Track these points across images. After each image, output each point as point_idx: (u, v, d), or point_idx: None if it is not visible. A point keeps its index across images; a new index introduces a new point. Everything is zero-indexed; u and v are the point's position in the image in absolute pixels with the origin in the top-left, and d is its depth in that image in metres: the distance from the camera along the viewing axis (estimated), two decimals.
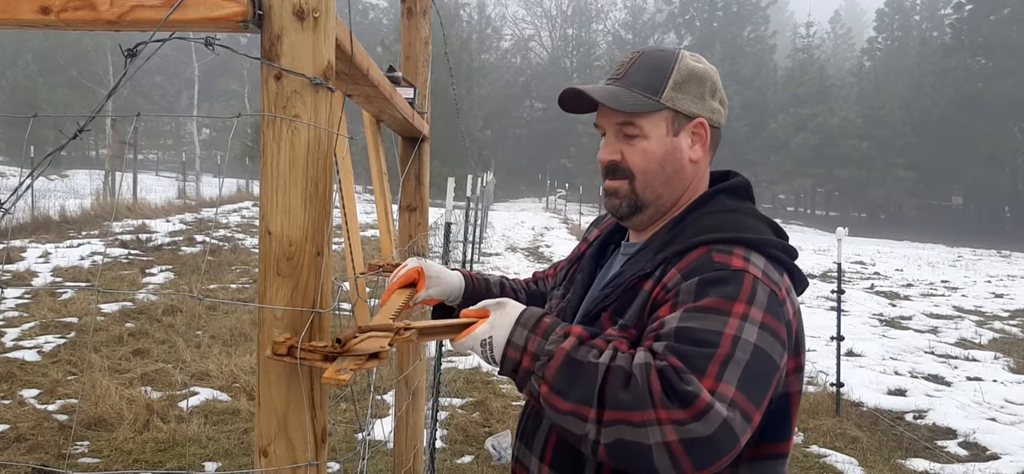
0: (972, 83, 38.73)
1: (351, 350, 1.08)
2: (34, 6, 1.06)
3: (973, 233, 35.88)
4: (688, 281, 1.16)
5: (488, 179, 20.85)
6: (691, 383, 1.04)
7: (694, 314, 1.11)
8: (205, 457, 4.38)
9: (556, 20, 61.49)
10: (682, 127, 1.30)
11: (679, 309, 1.13)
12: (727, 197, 1.32)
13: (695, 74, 1.30)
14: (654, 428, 1.02)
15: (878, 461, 4.96)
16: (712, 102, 1.32)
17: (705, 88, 1.31)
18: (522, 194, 47.37)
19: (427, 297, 1.54)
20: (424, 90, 2.63)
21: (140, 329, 7.04)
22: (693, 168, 1.32)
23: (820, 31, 53.35)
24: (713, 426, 1.02)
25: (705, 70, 1.32)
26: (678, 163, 1.30)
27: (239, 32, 1.10)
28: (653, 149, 1.29)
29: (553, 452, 1.26)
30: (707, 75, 1.32)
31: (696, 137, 1.31)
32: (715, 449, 1.02)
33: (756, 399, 1.07)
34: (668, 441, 1.02)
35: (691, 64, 1.31)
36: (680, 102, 1.29)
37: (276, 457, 1.12)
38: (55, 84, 35.25)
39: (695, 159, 1.31)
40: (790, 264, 1.25)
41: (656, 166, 1.30)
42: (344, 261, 1.87)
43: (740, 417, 1.04)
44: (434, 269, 1.56)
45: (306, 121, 1.09)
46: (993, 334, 9.62)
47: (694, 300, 1.13)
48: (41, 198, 15.33)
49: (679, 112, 1.29)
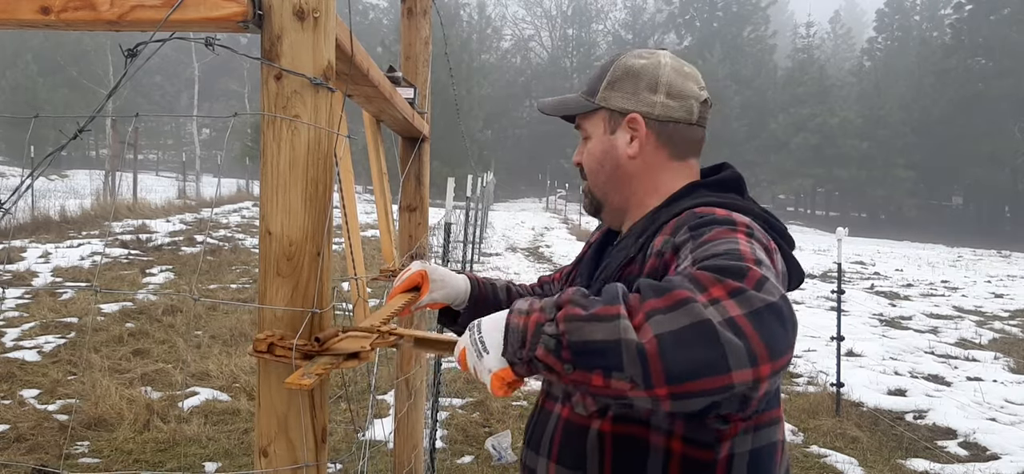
0: (972, 83, 38.75)
1: (330, 349, 1.08)
2: (34, 6, 1.06)
3: (973, 233, 35.90)
4: (679, 234, 1.11)
5: (488, 179, 20.86)
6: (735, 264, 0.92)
7: (702, 245, 1.02)
8: (205, 457, 4.38)
9: (556, 20, 61.50)
10: (618, 124, 1.30)
11: (683, 254, 1.05)
12: (708, 190, 1.28)
13: (631, 71, 1.30)
14: (710, 308, 0.86)
15: (878, 461, 4.96)
16: (649, 95, 1.28)
17: (639, 83, 1.29)
18: (522, 194, 47.38)
19: (431, 301, 1.52)
20: (424, 90, 2.63)
21: (140, 329, 7.04)
22: (634, 163, 1.30)
23: (820, 31, 53.39)
24: (777, 294, 0.88)
25: (645, 65, 1.30)
26: (614, 160, 1.31)
27: (239, 32, 1.10)
28: (594, 149, 1.33)
29: (559, 448, 1.23)
30: (645, 70, 1.29)
31: (632, 133, 1.29)
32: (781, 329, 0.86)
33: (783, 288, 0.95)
34: (731, 316, 0.85)
35: (628, 62, 1.31)
36: (612, 100, 1.30)
37: (276, 457, 1.12)
38: (55, 84, 35.25)
39: (632, 154, 1.29)
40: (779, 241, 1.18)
41: (597, 165, 1.33)
42: (345, 261, 1.87)
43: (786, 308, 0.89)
44: (438, 273, 1.54)
45: (306, 121, 1.09)
46: (993, 334, 9.62)
47: (695, 240, 1.05)
48: (41, 198, 15.33)
49: (614, 110, 1.30)
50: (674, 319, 0.85)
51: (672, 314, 0.86)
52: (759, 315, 0.86)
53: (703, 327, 0.84)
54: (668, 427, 1.12)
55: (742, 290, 0.87)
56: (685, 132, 1.30)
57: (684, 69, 1.30)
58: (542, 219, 28.75)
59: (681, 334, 0.85)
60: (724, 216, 1.10)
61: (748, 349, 0.84)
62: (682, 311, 0.86)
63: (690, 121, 1.29)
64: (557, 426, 1.25)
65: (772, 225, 1.21)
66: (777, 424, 1.21)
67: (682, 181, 1.30)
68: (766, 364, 0.85)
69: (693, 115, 1.29)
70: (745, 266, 0.91)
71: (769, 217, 1.23)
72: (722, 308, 0.86)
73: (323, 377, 1.05)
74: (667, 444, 1.12)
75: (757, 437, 1.16)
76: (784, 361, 0.87)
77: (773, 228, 1.20)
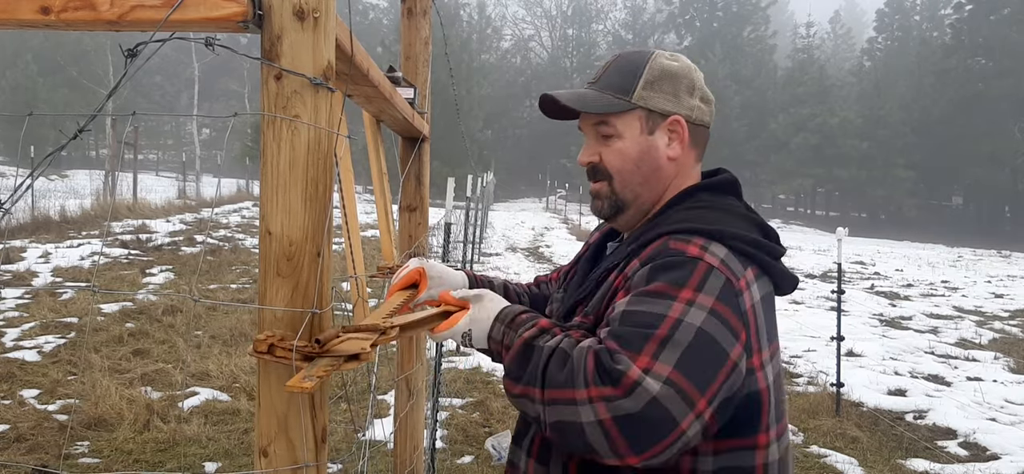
0: (972, 83, 38.76)
1: (330, 351, 1.08)
2: (34, 6, 1.06)
3: (973, 233, 35.90)
4: (643, 268, 1.17)
5: (488, 179, 20.86)
6: (621, 362, 1.05)
7: (641, 298, 1.12)
8: (205, 457, 4.38)
9: (556, 20, 61.51)
10: (657, 125, 1.31)
11: (630, 294, 1.15)
12: (706, 193, 1.31)
13: (668, 72, 1.31)
14: (586, 407, 1.04)
15: (878, 461, 4.96)
16: (689, 99, 1.32)
17: (680, 85, 1.31)
18: (522, 194, 47.39)
19: (429, 298, 1.52)
20: (424, 90, 2.63)
21: (140, 329, 7.04)
22: (672, 166, 1.32)
23: (820, 31, 53.40)
24: (642, 402, 1.02)
25: (680, 68, 1.33)
26: (655, 161, 1.31)
27: (239, 32, 1.10)
28: (628, 149, 1.31)
29: (538, 446, 1.30)
30: (682, 72, 1.32)
31: (673, 135, 1.31)
32: (648, 427, 1.02)
33: (699, 383, 1.05)
34: (600, 419, 1.03)
35: (664, 63, 1.32)
36: (652, 100, 1.30)
37: (276, 457, 1.12)
38: (55, 84, 35.26)
39: (673, 156, 1.32)
40: (761, 259, 1.22)
41: (632, 165, 1.32)
42: (344, 261, 1.87)
43: (678, 397, 1.03)
44: (436, 269, 1.55)
45: (306, 121, 1.09)
46: (993, 334, 9.62)
47: (645, 284, 1.14)
48: (41, 198, 15.33)
49: (653, 110, 1.30)
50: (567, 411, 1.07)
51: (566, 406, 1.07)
52: (623, 423, 1.03)
53: (578, 427, 1.06)
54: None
55: (611, 397, 1.03)
56: (705, 135, 1.37)
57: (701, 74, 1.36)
58: (542, 219, 28.76)
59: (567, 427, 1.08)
60: (692, 256, 1.15)
61: (613, 447, 1.04)
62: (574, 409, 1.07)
63: (708, 124, 1.36)
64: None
65: (758, 244, 1.22)
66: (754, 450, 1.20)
67: (692, 181, 1.35)
68: (631, 457, 1.05)
69: (710, 118, 1.37)
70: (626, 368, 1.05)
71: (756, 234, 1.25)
72: (594, 409, 1.04)
73: (324, 379, 1.05)
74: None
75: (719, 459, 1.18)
76: (651, 453, 1.04)
77: (759, 246, 1.22)
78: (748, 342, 1.14)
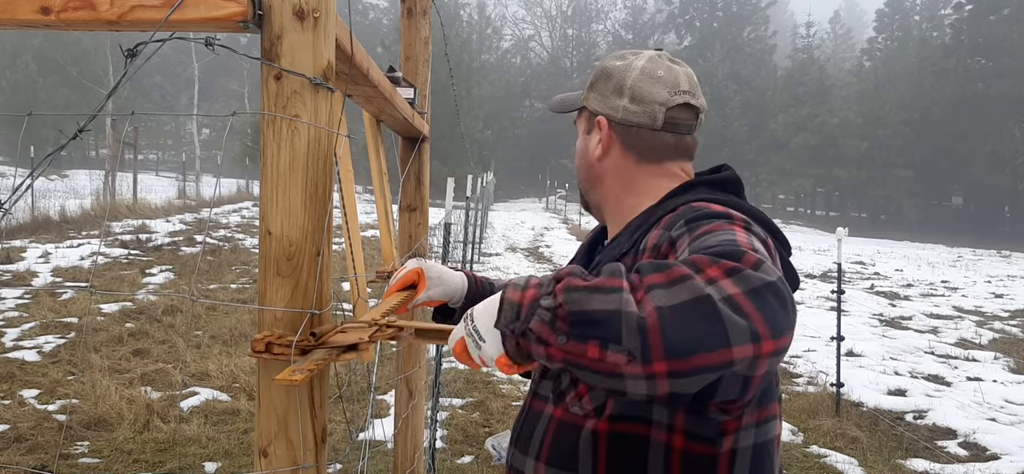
0: (972, 83, 38.76)
1: (326, 343, 1.08)
2: (34, 6, 1.06)
3: (973, 233, 35.89)
4: (675, 228, 1.08)
5: (488, 179, 20.86)
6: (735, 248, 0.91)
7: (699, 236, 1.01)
8: (205, 457, 4.38)
9: (556, 20, 61.51)
10: (592, 125, 1.34)
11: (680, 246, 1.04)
12: (705, 189, 1.27)
13: (605, 73, 1.32)
14: (710, 287, 0.85)
15: (878, 461, 4.96)
16: (615, 99, 1.29)
17: (609, 86, 1.30)
18: (522, 194, 47.39)
19: (428, 299, 1.50)
20: (424, 90, 2.63)
21: (140, 329, 7.04)
22: (602, 165, 1.32)
23: (820, 31, 53.37)
24: (774, 275, 0.88)
25: (617, 68, 1.31)
26: (587, 160, 1.35)
27: (239, 32, 1.10)
28: (578, 146, 1.38)
29: (549, 449, 1.18)
30: (615, 73, 1.30)
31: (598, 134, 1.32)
32: (784, 306, 0.86)
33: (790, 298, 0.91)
34: (730, 294, 0.84)
35: (607, 64, 1.34)
36: (590, 100, 1.34)
37: (276, 457, 1.12)
38: (55, 84, 35.24)
39: (598, 156, 1.32)
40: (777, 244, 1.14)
41: (578, 161, 1.38)
42: (344, 261, 1.87)
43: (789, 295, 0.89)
44: (435, 270, 1.53)
45: (306, 121, 1.09)
46: (993, 334, 9.62)
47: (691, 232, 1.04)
48: (41, 198, 15.34)
49: (591, 112, 1.34)
50: (674, 294, 0.84)
51: (672, 289, 0.85)
52: (758, 293, 0.85)
53: (704, 302, 0.83)
54: (668, 421, 1.09)
55: (739, 269, 0.87)
56: (649, 137, 1.27)
57: (657, 73, 1.26)
58: (542, 219, 28.76)
59: (681, 309, 0.84)
60: (721, 211, 1.09)
61: (749, 326, 0.83)
62: (682, 287, 0.85)
63: (653, 127, 1.26)
64: (548, 426, 1.21)
65: (769, 227, 1.18)
66: (775, 420, 1.20)
67: (666, 182, 1.29)
68: (768, 341, 0.84)
69: (656, 121, 1.26)
70: (742, 250, 0.90)
71: (766, 220, 1.20)
72: (720, 287, 0.85)
73: (316, 371, 1.04)
74: (668, 439, 1.09)
75: (759, 432, 1.13)
76: (785, 341, 0.86)
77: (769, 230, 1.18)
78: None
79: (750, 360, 0.84)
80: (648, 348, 0.83)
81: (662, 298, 0.84)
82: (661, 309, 0.84)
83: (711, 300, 0.83)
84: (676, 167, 1.30)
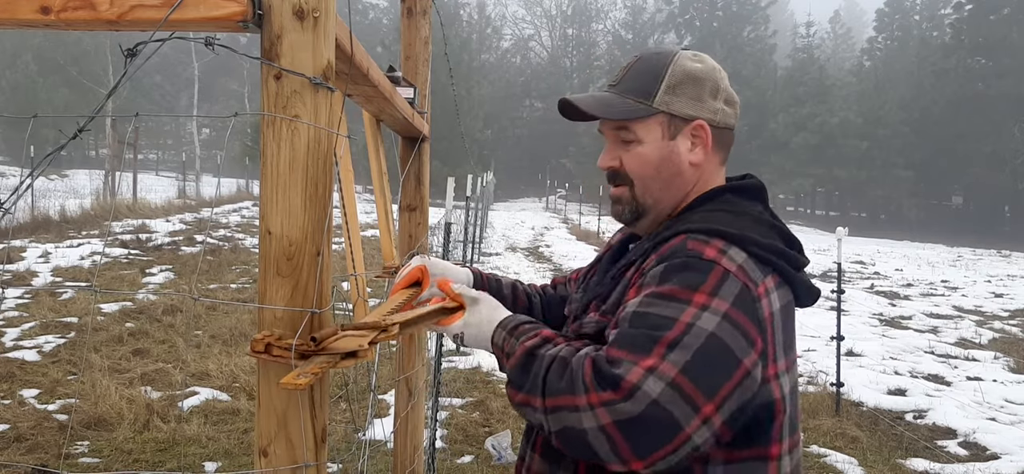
0: (972, 83, 38.75)
1: (326, 348, 1.08)
2: (34, 6, 1.06)
3: (973, 233, 35.87)
4: (658, 266, 1.15)
5: (488, 179, 20.86)
6: (620, 365, 1.04)
7: (653, 299, 1.10)
8: (205, 457, 4.38)
9: (556, 20, 61.49)
10: (679, 130, 1.28)
11: (642, 293, 1.13)
12: (732, 195, 1.29)
13: (691, 75, 1.29)
14: (587, 413, 1.04)
15: (878, 461, 4.96)
16: (713, 102, 1.29)
17: (703, 89, 1.29)
18: (522, 194, 47.38)
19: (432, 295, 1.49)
20: (424, 90, 2.63)
21: (140, 329, 7.04)
22: (694, 171, 1.30)
23: (820, 31, 53.36)
24: (642, 404, 1.00)
25: (703, 70, 1.30)
26: (676, 167, 1.29)
27: (239, 32, 1.10)
28: (649, 154, 1.29)
29: (543, 440, 1.29)
30: (706, 75, 1.29)
31: (696, 140, 1.29)
32: (651, 430, 1.01)
33: (706, 388, 1.03)
34: (602, 424, 1.02)
35: (687, 65, 1.29)
36: (675, 105, 1.28)
37: (276, 457, 1.12)
38: (55, 84, 35.21)
39: (696, 162, 1.29)
40: (782, 267, 1.20)
41: (652, 171, 1.29)
42: (344, 261, 1.87)
43: (681, 400, 1.01)
44: (439, 266, 1.53)
45: (306, 121, 1.09)
46: (993, 334, 9.62)
47: (658, 284, 1.12)
48: (41, 198, 15.34)
49: (675, 115, 1.28)
50: (569, 418, 1.07)
51: (569, 414, 1.07)
52: (626, 427, 1.02)
53: (581, 433, 1.05)
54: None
55: (611, 402, 1.02)
56: (730, 137, 1.34)
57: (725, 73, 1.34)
58: (542, 219, 28.75)
59: (571, 433, 1.07)
60: (709, 259, 1.13)
61: (616, 452, 1.03)
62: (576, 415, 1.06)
63: (733, 126, 1.34)
64: None
65: (779, 251, 1.20)
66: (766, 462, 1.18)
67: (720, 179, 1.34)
68: (635, 461, 1.03)
69: (735, 120, 1.34)
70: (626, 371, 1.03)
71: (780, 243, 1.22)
72: (596, 415, 1.03)
73: (319, 376, 1.04)
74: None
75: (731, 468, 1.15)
76: (656, 457, 1.03)
77: (780, 254, 1.20)
78: (764, 351, 1.12)
79: (627, 470, 1.05)
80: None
81: (553, 422, 1.09)
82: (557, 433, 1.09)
83: (584, 435, 1.05)
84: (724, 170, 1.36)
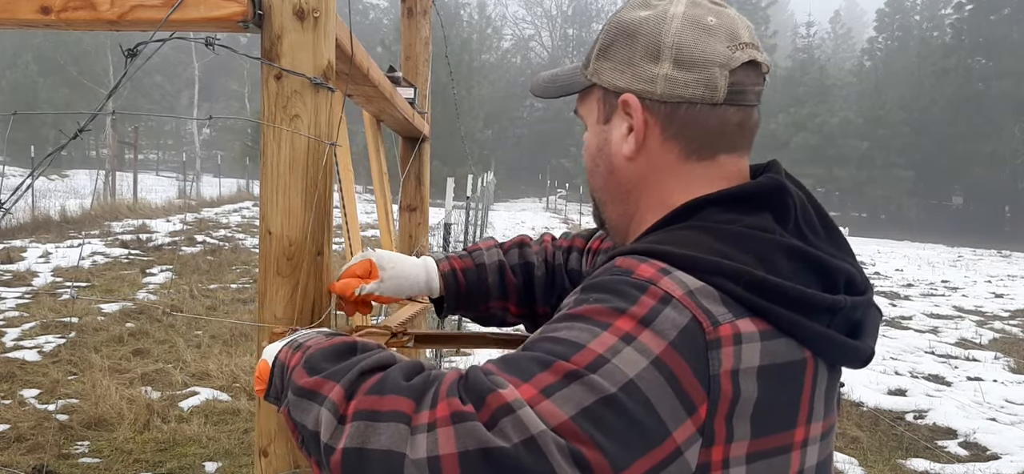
0: (972, 83, 38.79)
1: None
2: (34, 6, 1.06)
3: (973, 233, 35.89)
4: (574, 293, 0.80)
5: (488, 179, 20.86)
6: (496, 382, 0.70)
7: (557, 324, 0.75)
8: (205, 457, 4.38)
9: (556, 20, 61.54)
10: (613, 109, 0.90)
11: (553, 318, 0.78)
12: (717, 210, 0.83)
13: (625, 29, 0.88)
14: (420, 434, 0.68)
15: (878, 461, 4.96)
16: (649, 66, 0.85)
17: (635, 47, 0.87)
18: (522, 194, 47.40)
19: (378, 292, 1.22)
20: (424, 90, 2.63)
21: (140, 329, 7.04)
22: (633, 168, 0.89)
23: (820, 31, 53.44)
24: (512, 437, 0.65)
25: (644, 20, 0.87)
26: (609, 162, 0.91)
27: (239, 32, 1.10)
28: (588, 142, 0.95)
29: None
30: (644, 28, 0.86)
31: (628, 122, 0.88)
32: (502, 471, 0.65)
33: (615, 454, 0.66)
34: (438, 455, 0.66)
35: (627, 16, 0.89)
36: (604, 73, 0.90)
37: (276, 457, 1.12)
38: (55, 84, 35.27)
39: (629, 155, 0.88)
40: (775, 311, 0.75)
41: (591, 165, 0.96)
42: (344, 261, 1.86)
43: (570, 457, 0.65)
44: (388, 259, 1.26)
45: (306, 121, 1.09)
46: (993, 334, 9.62)
47: (572, 306, 0.77)
48: (41, 198, 15.35)
49: (607, 89, 0.90)
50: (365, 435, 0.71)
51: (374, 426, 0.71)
52: (468, 459, 0.66)
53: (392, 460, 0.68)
54: None
55: (465, 417, 0.67)
56: (705, 117, 0.85)
57: (706, 20, 0.85)
58: (542, 219, 28.76)
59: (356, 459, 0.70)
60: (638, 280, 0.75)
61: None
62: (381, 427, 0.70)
63: (714, 100, 0.85)
64: None
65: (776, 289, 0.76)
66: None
67: (703, 191, 0.86)
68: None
69: (718, 92, 0.84)
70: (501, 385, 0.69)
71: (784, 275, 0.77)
72: (434, 438, 0.67)
73: None
74: None
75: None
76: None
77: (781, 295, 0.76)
78: (707, 424, 0.71)
79: None
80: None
81: (355, 438, 0.71)
82: (347, 452, 0.71)
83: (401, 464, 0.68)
84: (731, 164, 0.89)
